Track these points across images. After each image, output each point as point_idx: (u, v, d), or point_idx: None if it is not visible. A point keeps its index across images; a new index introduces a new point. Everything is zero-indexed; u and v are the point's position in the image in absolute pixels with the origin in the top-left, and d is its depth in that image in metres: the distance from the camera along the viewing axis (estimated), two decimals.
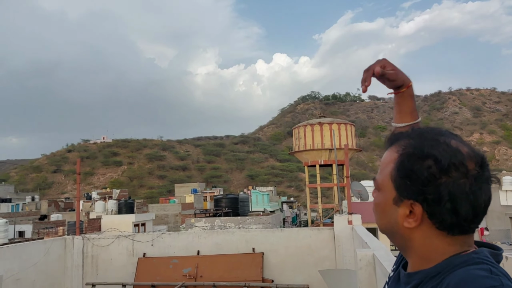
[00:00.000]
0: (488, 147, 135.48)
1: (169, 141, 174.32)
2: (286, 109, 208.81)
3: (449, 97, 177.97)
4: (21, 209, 52.33)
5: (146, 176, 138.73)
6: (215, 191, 70.35)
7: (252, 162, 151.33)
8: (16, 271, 7.64)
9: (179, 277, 8.31)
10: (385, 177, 1.04)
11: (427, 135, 1.00)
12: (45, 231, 26.39)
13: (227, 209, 26.94)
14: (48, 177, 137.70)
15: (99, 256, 8.97)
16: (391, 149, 1.05)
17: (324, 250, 8.16)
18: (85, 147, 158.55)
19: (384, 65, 1.41)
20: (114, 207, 32.78)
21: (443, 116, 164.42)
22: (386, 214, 1.05)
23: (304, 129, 40.14)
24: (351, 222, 7.81)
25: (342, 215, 8.54)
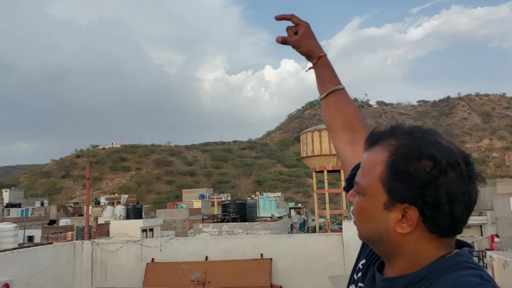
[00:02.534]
0: (498, 153, 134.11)
1: (177, 146, 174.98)
2: (293, 114, 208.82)
3: (458, 103, 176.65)
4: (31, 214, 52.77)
5: (154, 181, 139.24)
6: (222, 196, 70.33)
7: (260, 167, 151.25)
8: (26, 275, 7.70)
9: (187, 282, 8.31)
10: (371, 180, 0.93)
11: (416, 134, 0.93)
12: (54, 236, 26.52)
13: (234, 215, 26.92)
14: (57, 182, 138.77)
15: (108, 261, 9.01)
16: (375, 149, 0.95)
17: (333, 256, 8.12)
18: (93, 153, 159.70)
19: (296, 27, 1.45)
20: (123, 212, 32.93)
21: (452, 122, 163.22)
22: (373, 220, 0.94)
23: (312, 134, 40.11)
24: None
25: (350, 221, 8.50)
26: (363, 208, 0.96)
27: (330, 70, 1.45)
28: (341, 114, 1.41)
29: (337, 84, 1.43)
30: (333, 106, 1.42)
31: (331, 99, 1.42)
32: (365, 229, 0.97)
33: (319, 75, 1.45)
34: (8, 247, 12.77)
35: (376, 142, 0.96)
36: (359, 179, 0.97)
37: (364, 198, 0.95)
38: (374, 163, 0.94)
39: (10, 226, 14.05)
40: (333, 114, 1.42)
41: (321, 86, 1.45)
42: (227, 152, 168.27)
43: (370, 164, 0.95)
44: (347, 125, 1.40)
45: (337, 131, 1.41)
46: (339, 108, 1.42)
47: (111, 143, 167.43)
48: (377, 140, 0.96)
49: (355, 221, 1.02)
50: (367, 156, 0.97)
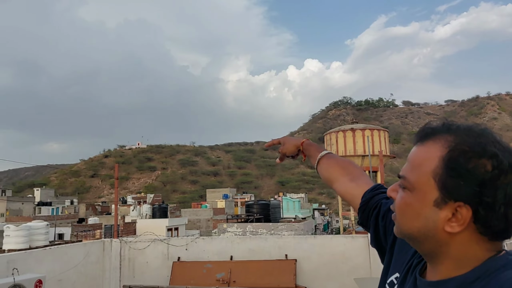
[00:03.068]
0: None
1: (201, 147, 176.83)
2: (317, 115, 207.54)
3: (488, 102, 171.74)
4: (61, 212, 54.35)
5: (179, 181, 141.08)
6: (245, 197, 70.62)
7: (283, 168, 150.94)
8: (58, 272, 7.94)
9: (212, 281, 8.39)
10: (422, 175, 0.89)
11: (475, 131, 0.89)
12: (83, 234, 27.30)
13: (258, 215, 26.99)
14: (86, 181, 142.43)
15: (135, 259, 9.20)
16: (427, 144, 0.91)
17: (358, 258, 8.05)
18: (121, 153, 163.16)
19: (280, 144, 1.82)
20: (149, 212, 33.51)
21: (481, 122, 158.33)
22: (419, 217, 0.90)
23: (336, 135, 39.73)
24: None
25: None
26: (409, 204, 0.92)
27: (314, 146, 1.69)
28: (337, 166, 1.54)
29: (321, 151, 1.63)
30: (326, 165, 1.58)
31: (323, 162, 1.60)
32: (408, 225, 0.93)
33: (308, 154, 1.69)
34: (40, 244, 13.19)
35: (429, 137, 0.92)
36: (406, 173, 0.93)
37: (411, 194, 0.91)
38: (426, 157, 0.90)
39: (41, 224, 14.48)
40: (328, 169, 1.57)
41: (312, 159, 1.64)
42: (250, 153, 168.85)
43: (422, 158, 0.91)
44: (344, 172, 1.51)
45: (337, 179, 1.51)
46: (332, 163, 1.57)
47: (138, 144, 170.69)
48: (429, 135, 0.92)
49: (394, 216, 0.98)
50: (417, 150, 0.93)
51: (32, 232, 13.82)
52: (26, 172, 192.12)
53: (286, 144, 1.77)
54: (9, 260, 6.93)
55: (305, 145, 1.71)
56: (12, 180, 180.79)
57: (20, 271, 6.72)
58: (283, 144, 1.78)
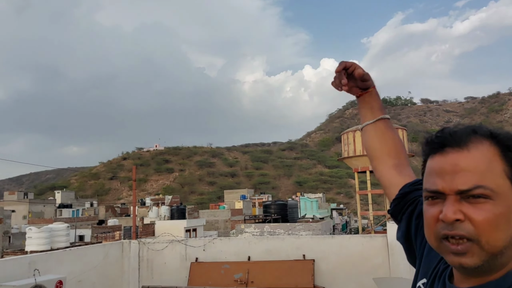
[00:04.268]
0: None
1: (218, 148, 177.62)
2: (334, 114, 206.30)
3: (509, 98, 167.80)
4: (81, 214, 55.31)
5: (196, 182, 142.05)
6: (263, 197, 70.56)
7: (300, 168, 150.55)
8: (78, 273, 8.05)
9: (230, 282, 8.39)
10: (498, 177, 0.82)
11: (498, 129, 0.88)
12: (103, 235, 27.68)
13: (276, 215, 26.94)
14: (105, 183, 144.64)
15: (154, 259, 9.27)
16: (474, 147, 0.84)
17: (377, 258, 7.93)
18: (139, 155, 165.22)
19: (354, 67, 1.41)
20: (167, 213, 33.83)
21: (503, 119, 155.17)
22: (510, 223, 0.81)
23: (354, 134, 39.38)
24: None
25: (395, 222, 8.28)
26: (500, 214, 0.80)
27: (380, 100, 1.46)
28: (390, 140, 1.39)
29: (385, 114, 1.43)
30: (381, 131, 1.40)
31: (381, 125, 1.40)
32: (504, 238, 0.80)
33: (371, 102, 1.43)
34: (61, 245, 13.42)
35: (467, 141, 0.85)
36: (481, 182, 0.81)
37: (495, 202, 0.80)
38: (488, 159, 0.83)
39: (62, 225, 14.75)
40: (381, 139, 1.39)
41: (370, 112, 1.42)
42: (267, 153, 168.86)
43: (486, 161, 0.82)
44: (393, 152, 1.36)
45: (382, 157, 1.37)
46: (389, 135, 1.39)
47: (155, 146, 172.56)
48: (463, 141, 0.85)
49: (464, 247, 0.81)
50: (469, 156, 0.83)
51: (53, 234, 14.10)
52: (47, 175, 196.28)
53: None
54: (31, 261, 7.06)
55: (375, 90, 1.43)
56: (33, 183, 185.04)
57: (41, 272, 6.84)
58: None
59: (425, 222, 0.90)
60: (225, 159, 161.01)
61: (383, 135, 1.40)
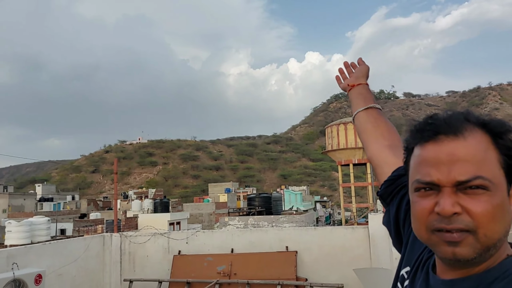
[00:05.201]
0: None
1: (203, 141, 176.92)
2: (318, 108, 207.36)
3: (489, 93, 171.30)
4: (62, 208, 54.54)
5: (180, 176, 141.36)
6: (248, 190, 70.68)
7: (285, 161, 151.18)
8: (58, 266, 7.94)
9: (213, 274, 8.39)
10: (494, 167, 0.79)
11: (485, 116, 0.86)
12: (85, 229, 27.38)
13: (260, 208, 27.02)
14: (87, 177, 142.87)
15: (136, 253, 9.19)
16: (469, 135, 0.80)
17: (359, 249, 8.02)
18: (121, 148, 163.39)
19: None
20: (150, 206, 33.60)
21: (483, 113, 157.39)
22: (506, 213, 0.79)
23: (337, 128, 39.69)
24: None
25: (377, 214, 8.38)
26: (498, 205, 0.77)
27: (372, 95, 1.53)
28: (383, 124, 1.39)
29: (378, 105, 1.47)
30: (374, 117, 1.41)
31: (373, 112, 1.43)
32: (500, 230, 0.78)
33: (364, 93, 1.52)
34: (42, 239, 13.20)
35: (461, 129, 0.81)
36: (480, 172, 0.77)
37: (492, 193, 0.77)
38: (483, 148, 0.79)
39: (43, 219, 14.49)
40: (374, 124, 1.39)
41: (363, 101, 1.48)
42: (252, 147, 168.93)
43: (481, 151, 0.79)
44: (387, 134, 1.34)
45: (375, 137, 1.34)
46: (382, 120, 1.40)
47: (138, 139, 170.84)
48: (458, 128, 0.81)
49: (460, 235, 0.78)
50: (465, 145, 0.79)
51: (34, 228, 13.83)
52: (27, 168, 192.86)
53: (358, 72, 1.63)
54: (9, 255, 6.91)
55: (366, 87, 1.56)
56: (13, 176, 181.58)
57: (20, 266, 6.71)
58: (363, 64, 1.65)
59: (414, 214, 0.84)
60: (209, 152, 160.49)
61: (376, 120, 1.39)
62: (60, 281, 7.95)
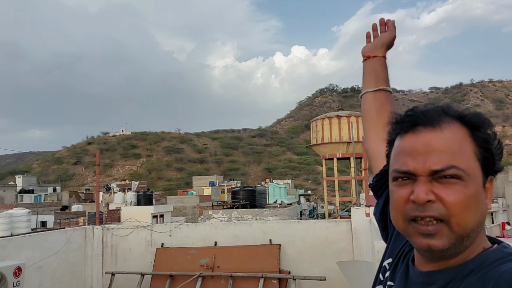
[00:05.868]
0: (511, 140, 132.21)
1: (187, 134, 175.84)
2: (304, 102, 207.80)
3: (471, 89, 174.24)
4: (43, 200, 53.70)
5: (164, 168, 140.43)
6: (232, 183, 70.67)
7: (270, 155, 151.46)
8: (38, 259, 7.82)
9: (196, 267, 8.38)
10: (469, 158, 0.81)
11: (464, 109, 0.87)
12: (66, 221, 27.00)
13: (244, 201, 27.07)
14: (69, 168, 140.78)
15: (118, 245, 9.11)
16: (446, 127, 0.82)
17: (342, 242, 8.11)
18: (104, 140, 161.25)
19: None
20: (133, 199, 33.29)
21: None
22: (479, 205, 0.81)
23: (322, 122, 39.87)
24: (369, 215, 7.74)
25: (359, 207, 8.46)
26: (471, 195, 0.79)
27: (387, 72, 1.42)
28: (387, 113, 1.32)
29: (389, 87, 1.40)
30: (380, 103, 1.36)
31: (381, 96, 1.37)
32: (473, 220, 0.79)
33: (378, 70, 1.41)
34: (22, 231, 12.96)
35: (439, 121, 0.82)
36: (454, 162, 0.79)
37: (466, 184, 0.79)
38: (460, 140, 0.81)
39: (23, 211, 14.23)
40: (379, 110, 1.36)
41: (374, 80, 1.39)
42: (237, 140, 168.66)
43: (457, 142, 0.81)
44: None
45: (376, 128, 1.33)
46: (387, 108, 1.36)
47: (122, 130, 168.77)
48: (435, 120, 0.83)
49: (435, 228, 0.79)
50: (442, 136, 0.81)
51: (14, 220, 13.57)
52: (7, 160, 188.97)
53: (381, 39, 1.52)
54: None
55: (384, 60, 1.46)
56: None
57: None
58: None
59: (392, 204, 0.87)
60: (194, 145, 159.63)
61: (381, 107, 1.36)
62: (40, 273, 7.83)
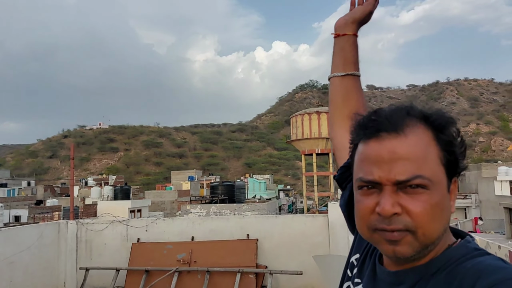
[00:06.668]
0: (485, 138, 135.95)
1: (166, 128, 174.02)
2: (284, 97, 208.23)
3: (447, 87, 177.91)
4: (17, 194, 52.32)
5: (142, 163, 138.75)
6: (211, 178, 70.37)
7: (250, 150, 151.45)
8: (10, 254, 7.62)
9: (173, 262, 8.31)
10: (435, 165, 0.79)
11: (426, 108, 0.85)
12: (41, 216, 26.40)
13: (223, 196, 27.00)
14: (44, 162, 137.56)
15: (93, 240, 8.96)
16: (410, 132, 0.79)
17: (318, 237, 8.18)
18: (81, 133, 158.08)
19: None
20: (110, 193, 32.77)
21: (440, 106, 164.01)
22: (444, 211, 0.80)
23: (302, 118, 40.11)
24: None
25: (336, 202, 8.54)
26: (436, 204, 0.78)
27: (357, 52, 1.33)
28: (354, 101, 1.28)
29: (358, 70, 1.31)
30: (346, 90, 1.30)
31: (348, 82, 1.30)
32: (439, 228, 0.79)
33: (346, 51, 1.31)
34: None
35: (402, 125, 0.80)
36: (419, 172, 0.77)
37: (432, 192, 0.77)
38: (424, 146, 0.79)
39: None
40: (344, 98, 1.30)
41: (342, 63, 1.31)
42: (217, 135, 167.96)
43: (421, 148, 0.78)
44: (354, 116, 1.29)
45: (341, 117, 1.28)
46: (353, 96, 1.29)
47: (99, 124, 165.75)
48: (399, 125, 0.80)
49: (400, 234, 0.78)
50: (407, 142, 0.78)
51: None
52: None
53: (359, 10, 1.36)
54: None
55: (355, 39, 1.33)
56: None
57: None
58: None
59: (357, 213, 0.84)
60: (173, 139, 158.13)
61: (348, 94, 1.30)
62: (12, 269, 7.64)
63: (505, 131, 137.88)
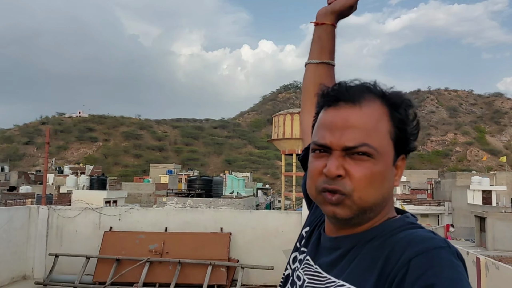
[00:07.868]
0: (461, 147, 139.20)
1: (147, 120, 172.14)
2: (268, 96, 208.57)
3: (428, 96, 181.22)
4: None
5: (121, 154, 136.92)
6: (190, 173, 70.01)
7: (230, 147, 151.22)
8: None
9: (145, 252, 8.27)
10: (383, 137, 0.85)
11: (388, 89, 0.90)
12: (13, 202, 25.78)
13: (200, 191, 26.91)
14: (19, 148, 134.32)
15: (64, 227, 8.83)
16: (366, 105, 0.85)
17: (291, 233, 8.25)
18: (60, 121, 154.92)
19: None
20: (86, 183, 32.27)
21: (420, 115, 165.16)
22: (384, 182, 0.86)
23: (284, 117, 40.25)
24: None
25: None
26: (378, 173, 0.83)
27: (334, 43, 1.36)
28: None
29: (333, 60, 1.35)
30: (320, 77, 1.32)
31: (322, 70, 1.34)
32: (376, 195, 0.85)
33: (323, 40, 1.34)
34: None
35: (360, 98, 0.85)
36: (366, 140, 0.83)
37: (376, 161, 0.83)
38: (377, 118, 0.85)
39: None
40: (317, 85, 1.28)
41: (319, 51, 1.34)
42: (198, 130, 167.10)
43: (374, 120, 0.84)
44: None
45: (310, 102, 1.29)
46: (326, 84, 1.32)
47: (79, 112, 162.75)
48: (357, 97, 0.85)
49: (338, 198, 0.84)
50: (360, 113, 0.84)
51: None
52: None
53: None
54: None
55: (334, 29, 1.34)
56: None
57: None
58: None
59: (308, 174, 0.91)
60: (153, 132, 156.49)
61: (320, 82, 1.29)
62: None
63: (481, 142, 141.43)
